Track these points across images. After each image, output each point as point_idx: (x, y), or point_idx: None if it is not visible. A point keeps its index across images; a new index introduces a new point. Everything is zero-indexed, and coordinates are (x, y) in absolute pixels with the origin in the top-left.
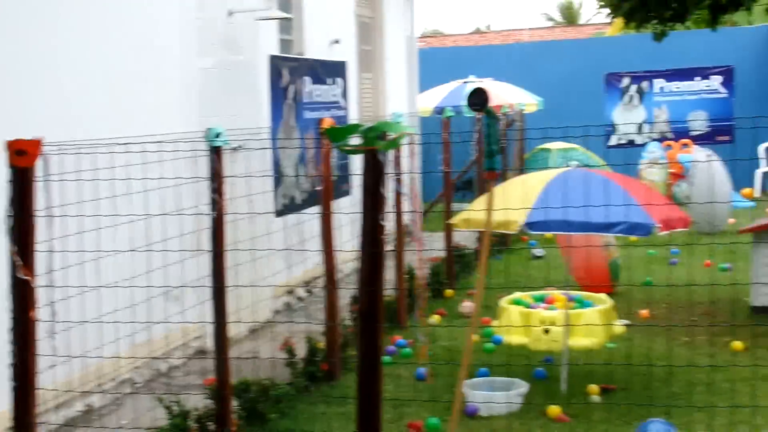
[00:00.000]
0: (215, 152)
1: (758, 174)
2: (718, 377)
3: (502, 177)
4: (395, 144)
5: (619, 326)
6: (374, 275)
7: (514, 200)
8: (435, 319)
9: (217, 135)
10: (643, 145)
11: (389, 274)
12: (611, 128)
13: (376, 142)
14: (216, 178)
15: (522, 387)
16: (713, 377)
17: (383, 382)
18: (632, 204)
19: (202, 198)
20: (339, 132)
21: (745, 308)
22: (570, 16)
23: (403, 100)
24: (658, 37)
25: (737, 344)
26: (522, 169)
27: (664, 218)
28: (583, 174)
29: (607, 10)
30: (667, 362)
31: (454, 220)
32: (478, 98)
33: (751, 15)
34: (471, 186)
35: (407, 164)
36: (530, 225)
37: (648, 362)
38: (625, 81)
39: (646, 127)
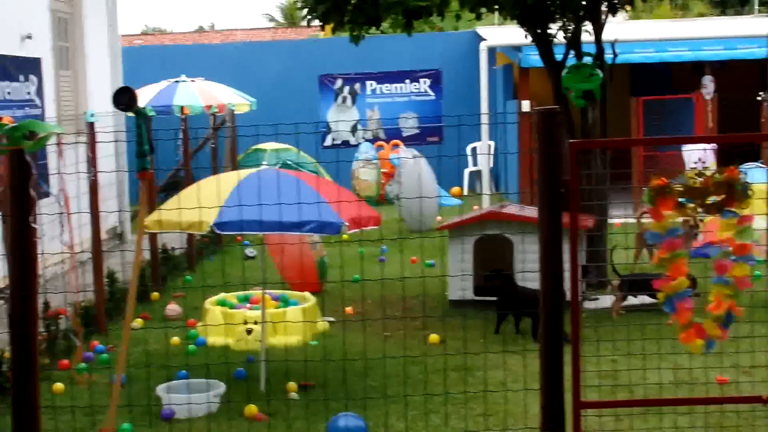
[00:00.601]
0: None
1: (466, 173)
2: (415, 369)
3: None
4: (42, 144)
5: (322, 323)
6: (26, 279)
7: (205, 200)
8: (138, 323)
9: None
10: (356, 146)
11: (88, 278)
12: (325, 129)
13: (22, 142)
14: None
15: (219, 388)
16: (409, 370)
17: (77, 389)
18: (322, 203)
19: None
20: None
21: (445, 302)
22: (291, 18)
23: (106, 98)
24: (355, 39)
25: (434, 337)
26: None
27: (354, 217)
28: (274, 174)
29: (305, 12)
30: (365, 357)
31: (146, 221)
32: (125, 98)
33: (458, 21)
34: (178, 187)
35: (55, 164)
36: (220, 225)
37: (347, 358)
38: (338, 82)
39: (359, 128)
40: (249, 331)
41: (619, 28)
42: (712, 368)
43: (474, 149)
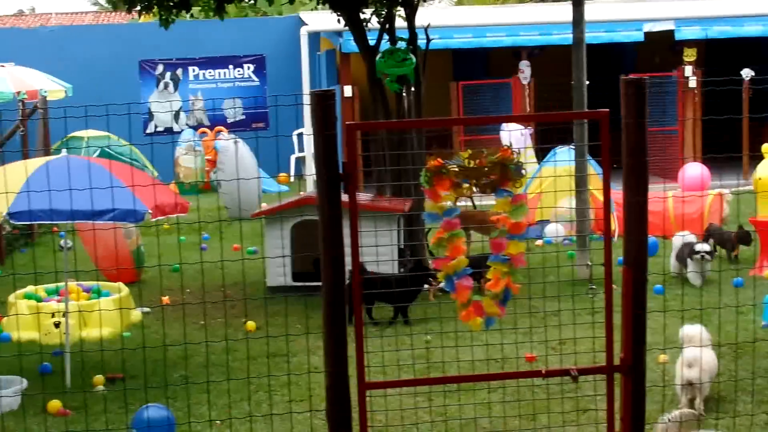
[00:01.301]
0: None
1: (292, 159)
2: (228, 358)
3: None
4: None
5: (136, 314)
6: None
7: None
8: None
9: None
10: (179, 133)
11: None
12: (147, 115)
13: None
14: None
15: (18, 384)
16: (222, 358)
17: None
18: (125, 191)
19: None
20: None
21: (264, 289)
22: (115, 2)
23: None
24: (165, 24)
25: (250, 324)
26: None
27: (157, 204)
28: (73, 161)
29: None
30: (179, 347)
31: None
32: None
33: (270, 5)
34: None
35: None
36: (13, 215)
37: (161, 348)
38: (160, 68)
39: (182, 115)
40: (57, 324)
41: (438, 13)
42: (522, 344)
43: (300, 135)
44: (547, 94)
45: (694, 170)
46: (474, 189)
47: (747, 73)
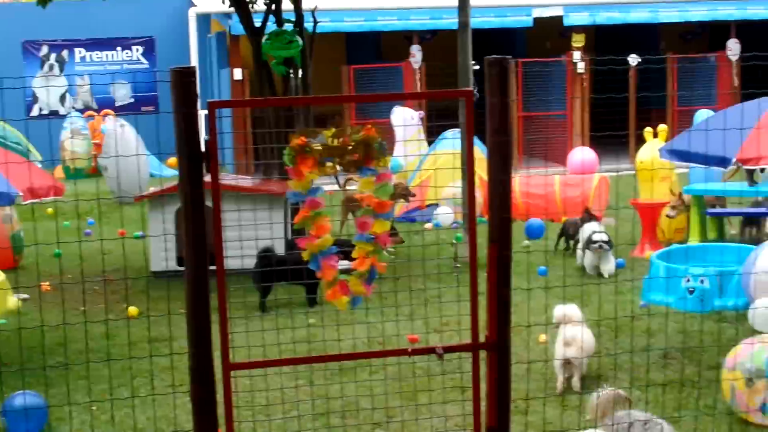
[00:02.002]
0: None
1: None
2: (110, 343)
3: None
4: None
5: (13, 301)
6: None
7: None
8: None
9: None
10: (65, 116)
11: None
12: (32, 98)
13: None
14: None
15: None
16: (102, 344)
17: None
18: None
19: None
20: None
21: (147, 274)
22: None
23: None
24: (42, 2)
25: (132, 309)
26: None
27: (30, 187)
28: None
29: None
30: (58, 334)
31: None
32: None
33: None
34: None
35: None
36: None
37: (39, 334)
38: (44, 49)
39: (68, 98)
40: None
41: None
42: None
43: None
44: (438, 78)
45: (581, 154)
46: (338, 168)
47: (634, 59)
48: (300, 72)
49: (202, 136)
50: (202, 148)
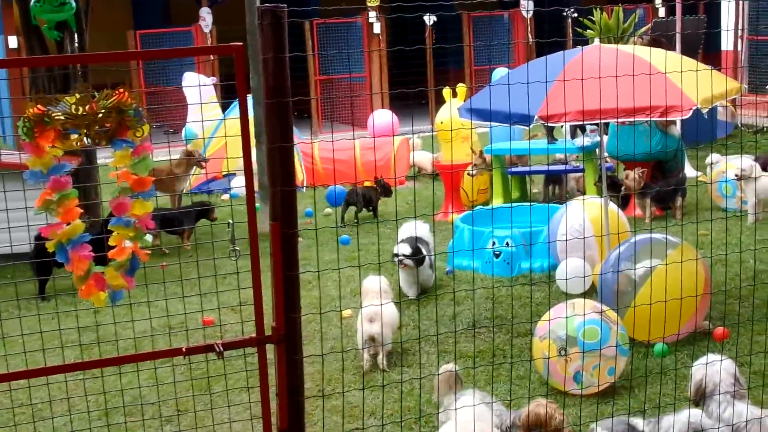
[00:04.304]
0: None
1: None
2: None
3: None
4: None
5: None
6: None
7: None
8: None
9: None
10: None
11: None
12: None
13: None
14: None
15: None
16: None
17: None
18: None
19: None
20: None
21: None
22: None
23: None
24: None
25: None
26: None
27: None
28: None
29: None
30: None
31: None
32: None
33: None
34: None
35: None
36: None
37: None
38: None
39: None
40: None
41: None
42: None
43: None
44: (230, 41)
45: (381, 117)
46: (85, 140)
47: (430, 19)
48: (76, 37)
49: None
50: None
